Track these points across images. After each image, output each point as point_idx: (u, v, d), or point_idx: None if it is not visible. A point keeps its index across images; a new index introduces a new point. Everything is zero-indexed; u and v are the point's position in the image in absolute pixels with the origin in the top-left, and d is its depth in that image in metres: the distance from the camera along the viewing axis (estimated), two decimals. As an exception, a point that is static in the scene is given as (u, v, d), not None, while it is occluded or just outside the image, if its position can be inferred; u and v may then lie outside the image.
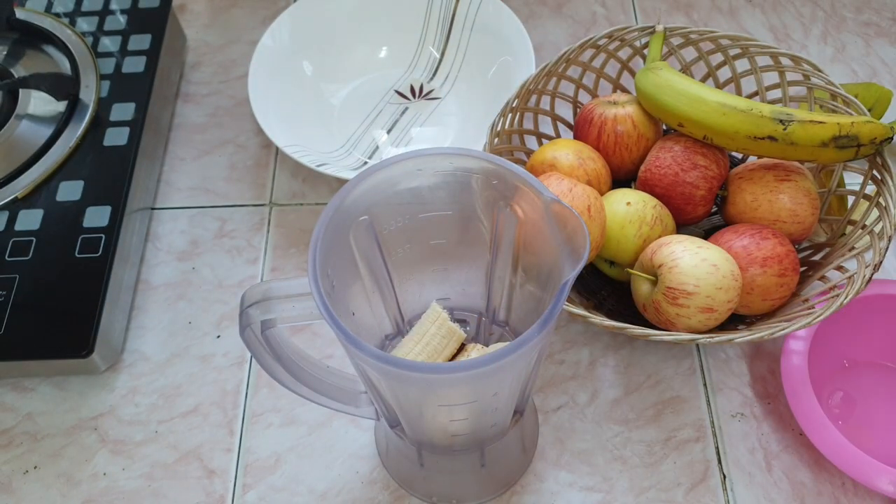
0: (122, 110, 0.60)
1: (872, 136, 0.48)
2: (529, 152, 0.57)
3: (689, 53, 0.60)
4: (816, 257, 0.53)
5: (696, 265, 0.46)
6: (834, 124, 0.48)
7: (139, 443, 0.52)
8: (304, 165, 0.58)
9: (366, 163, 0.62)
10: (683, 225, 0.55)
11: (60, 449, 0.51)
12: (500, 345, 0.43)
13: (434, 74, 0.68)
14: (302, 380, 0.41)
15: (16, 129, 0.58)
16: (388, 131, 0.65)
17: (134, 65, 0.62)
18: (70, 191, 0.56)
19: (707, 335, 0.45)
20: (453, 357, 0.43)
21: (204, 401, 0.53)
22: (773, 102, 0.55)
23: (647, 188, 0.53)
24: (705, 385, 0.53)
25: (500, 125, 0.55)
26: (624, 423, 0.51)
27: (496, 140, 0.55)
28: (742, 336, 0.45)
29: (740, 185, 0.52)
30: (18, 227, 0.54)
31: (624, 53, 0.61)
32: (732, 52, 0.57)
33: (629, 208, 0.51)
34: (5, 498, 0.50)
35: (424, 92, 0.67)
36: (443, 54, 0.68)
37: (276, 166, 0.64)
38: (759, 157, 0.53)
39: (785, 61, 0.56)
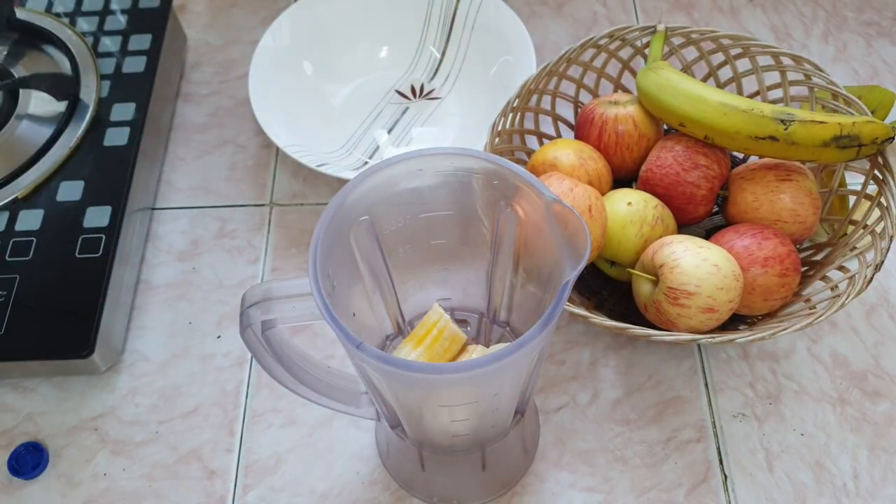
0: (123, 110, 0.60)
1: (874, 136, 0.48)
2: (530, 152, 0.57)
3: (691, 53, 0.60)
4: (818, 257, 0.53)
5: (697, 265, 0.46)
6: (835, 124, 0.48)
7: (139, 443, 0.51)
8: (305, 165, 0.58)
9: (366, 163, 0.62)
10: (684, 225, 0.54)
11: (61, 449, 0.51)
12: (501, 345, 0.43)
13: (435, 74, 0.68)
14: (302, 380, 0.41)
15: (16, 130, 0.58)
16: (389, 131, 0.65)
17: (134, 65, 0.62)
18: (70, 191, 0.56)
19: (708, 335, 0.45)
20: (454, 358, 0.43)
21: (204, 401, 0.53)
22: (774, 102, 0.55)
23: (648, 188, 0.53)
24: (706, 385, 0.53)
25: (500, 125, 0.55)
26: (625, 423, 0.51)
27: (497, 140, 0.55)
28: (743, 336, 0.45)
29: (741, 185, 0.52)
30: (19, 227, 0.54)
31: (625, 53, 0.60)
32: (733, 51, 0.57)
33: (630, 208, 0.51)
34: (5, 498, 0.50)
35: (425, 92, 0.67)
36: (443, 54, 0.68)
37: (277, 166, 0.64)
38: (761, 156, 0.52)
39: (786, 61, 0.56)
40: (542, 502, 0.49)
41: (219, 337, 0.56)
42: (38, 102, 0.60)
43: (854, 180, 0.55)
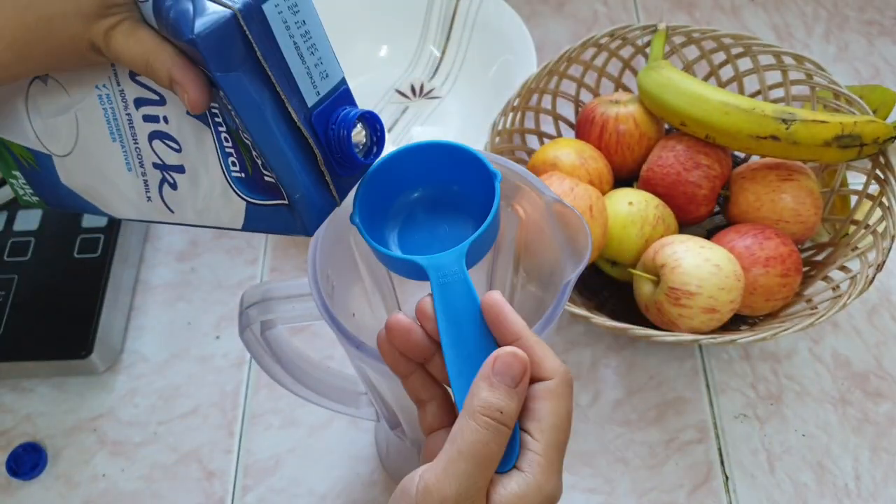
0: (122, 110, 0.59)
1: (875, 136, 0.48)
2: (531, 152, 0.57)
3: (692, 52, 0.59)
4: (819, 257, 0.53)
5: (698, 265, 0.46)
6: (837, 124, 0.48)
7: (138, 444, 0.51)
8: (304, 165, 0.57)
9: (366, 162, 0.62)
10: (686, 225, 0.54)
11: (59, 450, 0.51)
12: (502, 346, 0.43)
13: (435, 73, 0.68)
14: (302, 381, 0.41)
15: (14, 129, 0.58)
16: (389, 130, 0.64)
17: (133, 64, 0.62)
18: (69, 190, 0.56)
19: (709, 336, 0.45)
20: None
21: (203, 402, 0.53)
22: (775, 102, 0.55)
23: (650, 188, 0.53)
24: (708, 386, 0.53)
25: (501, 124, 0.55)
26: (626, 424, 0.51)
27: (497, 139, 0.54)
28: (745, 337, 0.45)
29: (743, 185, 0.52)
30: (17, 227, 0.54)
31: (626, 52, 0.60)
32: (735, 50, 0.57)
33: (631, 208, 0.50)
34: (4, 499, 0.50)
35: (425, 91, 0.67)
36: (443, 53, 0.68)
37: (276, 166, 0.63)
38: (762, 156, 0.52)
39: (787, 60, 0.56)
40: None
41: (218, 337, 0.55)
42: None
43: (856, 180, 0.55)
